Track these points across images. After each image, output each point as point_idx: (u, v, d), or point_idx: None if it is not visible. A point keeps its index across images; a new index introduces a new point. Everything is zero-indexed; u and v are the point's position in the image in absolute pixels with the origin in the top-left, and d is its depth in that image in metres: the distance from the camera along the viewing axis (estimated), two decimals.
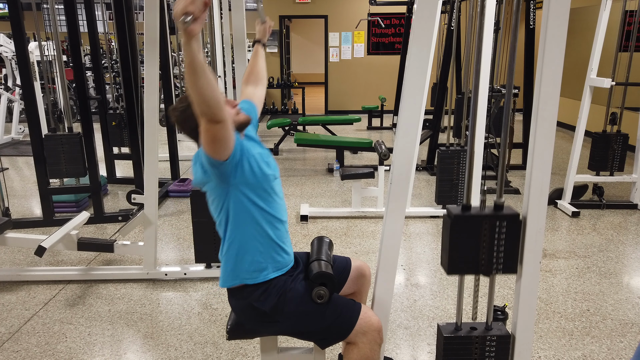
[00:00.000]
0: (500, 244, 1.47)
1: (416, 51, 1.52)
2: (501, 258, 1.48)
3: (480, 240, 1.47)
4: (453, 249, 1.48)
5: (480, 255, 1.48)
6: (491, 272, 1.50)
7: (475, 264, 1.49)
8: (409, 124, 1.59)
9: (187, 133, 1.76)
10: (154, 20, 2.70)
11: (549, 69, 1.36)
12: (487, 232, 1.46)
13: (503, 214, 1.45)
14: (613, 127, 4.35)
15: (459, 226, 1.46)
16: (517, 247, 1.48)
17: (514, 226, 1.46)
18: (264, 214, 1.68)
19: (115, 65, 6.53)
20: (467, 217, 1.46)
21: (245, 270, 1.69)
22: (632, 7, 4.35)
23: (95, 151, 4.10)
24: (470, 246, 1.47)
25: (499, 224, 1.46)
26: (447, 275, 1.54)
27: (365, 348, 1.68)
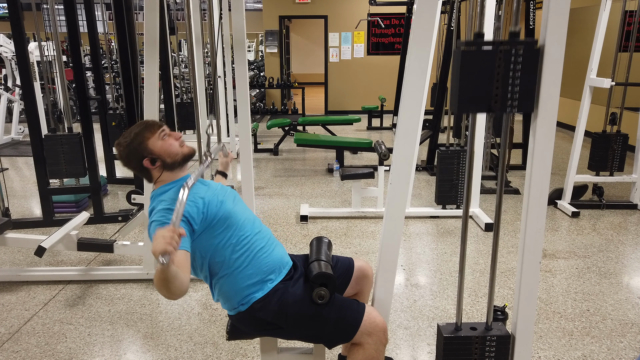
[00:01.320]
0: (515, 77, 1.36)
1: (416, 51, 1.52)
2: (516, 93, 1.37)
3: (494, 73, 1.35)
4: (464, 83, 1.36)
5: (493, 90, 1.37)
6: (505, 109, 1.38)
7: (487, 100, 1.38)
8: (409, 124, 1.59)
9: (131, 167, 1.76)
10: (154, 20, 2.70)
11: (549, 69, 1.36)
12: (501, 64, 1.35)
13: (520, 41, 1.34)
14: (613, 127, 4.35)
15: (471, 57, 1.35)
16: (534, 82, 1.37)
17: (532, 58, 1.35)
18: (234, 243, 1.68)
19: (115, 66, 6.53)
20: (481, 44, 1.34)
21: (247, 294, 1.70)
22: (632, 7, 4.35)
23: (95, 151, 4.10)
24: (482, 79, 1.36)
25: (515, 52, 1.34)
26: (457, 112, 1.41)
27: (370, 349, 1.67)
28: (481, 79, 1.36)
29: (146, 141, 1.70)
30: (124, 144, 1.71)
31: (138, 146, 1.69)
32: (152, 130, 1.72)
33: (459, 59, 1.35)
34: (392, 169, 1.65)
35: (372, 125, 8.76)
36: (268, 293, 1.69)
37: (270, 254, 1.75)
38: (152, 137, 1.70)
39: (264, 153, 6.86)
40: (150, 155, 1.70)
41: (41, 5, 4.49)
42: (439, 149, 4.11)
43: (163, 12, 4.91)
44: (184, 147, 1.76)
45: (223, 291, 1.71)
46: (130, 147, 1.70)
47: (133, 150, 1.70)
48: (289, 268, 1.79)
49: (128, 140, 1.70)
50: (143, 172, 1.75)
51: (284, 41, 10.70)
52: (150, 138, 1.70)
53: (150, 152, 1.69)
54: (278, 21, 10.11)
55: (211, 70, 6.94)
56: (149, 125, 1.73)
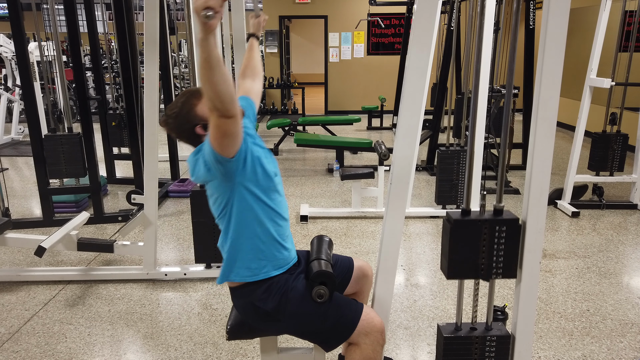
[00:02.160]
0: (500, 249, 1.47)
1: (416, 51, 1.52)
2: (501, 262, 1.49)
3: (480, 245, 1.47)
4: (453, 254, 1.48)
5: (480, 260, 1.48)
6: (490, 277, 1.50)
7: (474, 268, 1.49)
8: (409, 124, 1.59)
9: (184, 137, 1.74)
10: (154, 20, 2.70)
11: (549, 69, 1.36)
12: (486, 237, 1.46)
13: (503, 219, 1.46)
14: (613, 127, 4.35)
15: (459, 231, 1.46)
16: (516, 252, 1.48)
17: (514, 231, 1.46)
18: (268, 212, 1.68)
19: (115, 66, 6.53)
20: (467, 222, 1.46)
21: (246, 267, 1.68)
22: (632, 7, 4.35)
23: (95, 151, 4.10)
24: (469, 251, 1.47)
25: (499, 228, 1.46)
26: (447, 279, 1.54)
27: (367, 349, 1.67)
28: (469, 251, 1.48)
29: (195, 108, 1.68)
30: (172, 115, 1.69)
31: (187, 114, 1.67)
32: (197, 96, 1.69)
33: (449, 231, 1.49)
34: (392, 169, 1.65)
35: (372, 125, 8.76)
36: (272, 283, 1.69)
37: (287, 245, 1.76)
38: (200, 103, 1.68)
39: None
40: (202, 121, 1.67)
41: (41, 5, 4.48)
42: (439, 149, 4.11)
43: (163, 12, 4.91)
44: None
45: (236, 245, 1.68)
46: (179, 117, 1.68)
47: (182, 119, 1.68)
48: (295, 261, 1.80)
49: (177, 111, 1.68)
50: (196, 140, 1.72)
51: (284, 41, 10.70)
52: (197, 105, 1.68)
53: (201, 118, 1.67)
54: (278, 21, 10.11)
55: None
56: (193, 92, 1.71)
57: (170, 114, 1.70)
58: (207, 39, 1.28)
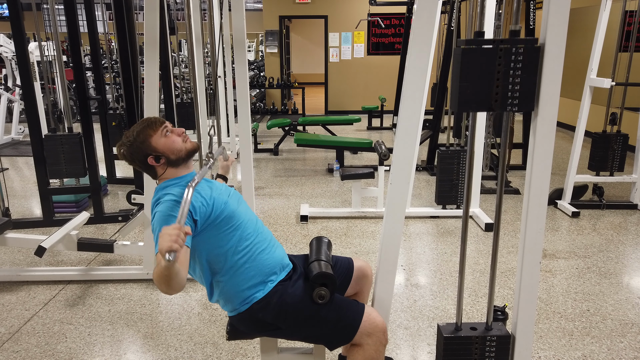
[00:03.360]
0: (516, 76, 1.36)
1: (416, 51, 1.52)
2: (517, 92, 1.37)
3: (494, 71, 1.36)
4: (464, 82, 1.37)
5: (494, 89, 1.37)
6: (505, 108, 1.39)
7: (487, 98, 1.38)
8: (409, 124, 1.59)
9: (137, 166, 1.75)
10: (154, 20, 2.70)
11: (548, 69, 1.36)
12: (502, 62, 1.35)
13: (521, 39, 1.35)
14: (613, 127, 4.35)
15: (471, 56, 1.35)
16: (534, 81, 1.37)
17: (532, 56, 1.35)
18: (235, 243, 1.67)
19: (115, 66, 6.53)
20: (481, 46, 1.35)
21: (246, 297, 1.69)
22: (632, 7, 4.35)
23: (95, 151, 4.10)
24: (483, 78, 1.36)
25: (515, 51, 1.35)
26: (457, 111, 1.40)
27: (370, 349, 1.67)
28: (481, 78, 1.36)
29: (149, 139, 1.69)
30: (127, 144, 1.70)
31: (141, 144, 1.68)
32: (154, 127, 1.71)
33: (459, 58, 1.36)
34: (392, 169, 1.65)
35: (372, 125, 8.76)
36: (268, 294, 1.69)
37: (272, 255, 1.75)
38: (155, 134, 1.69)
39: (264, 153, 6.86)
40: (154, 152, 1.69)
41: (41, 5, 4.48)
42: (439, 149, 4.11)
43: (163, 12, 4.91)
44: (188, 143, 1.75)
45: (224, 292, 1.71)
46: (133, 146, 1.69)
47: (136, 149, 1.69)
48: (289, 270, 1.79)
49: (131, 140, 1.69)
50: (148, 170, 1.74)
51: (284, 41, 10.70)
52: (153, 135, 1.69)
53: (154, 149, 1.68)
54: (278, 21, 10.11)
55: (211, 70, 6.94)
56: (151, 122, 1.72)
57: (124, 142, 1.71)
58: (171, 268, 1.32)
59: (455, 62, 1.39)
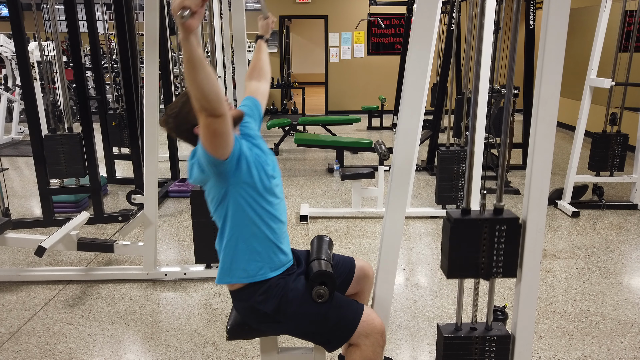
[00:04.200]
0: (500, 248, 1.47)
1: (416, 51, 1.52)
2: (501, 262, 1.48)
3: (480, 244, 1.47)
4: (453, 253, 1.48)
5: (480, 260, 1.48)
6: (490, 276, 1.50)
7: (475, 268, 1.49)
8: (409, 124, 1.59)
9: (183, 137, 1.74)
10: (154, 20, 2.70)
11: (549, 69, 1.36)
12: (487, 236, 1.46)
13: (503, 218, 1.46)
14: (613, 127, 4.35)
15: (459, 230, 1.46)
16: (516, 251, 1.48)
17: (514, 230, 1.46)
18: (263, 214, 1.68)
19: (115, 66, 6.53)
20: (467, 221, 1.46)
21: (242, 268, 1.69)
22: (632, 7, 4.35)
23: (95, 151, 4.10)
24: (470, 250, 1.47)
25: (499, 228, 1.46)
26: (447, 278, 1.54)
27: (367, 350, 1.67)
28: (469, 250, 1.48)
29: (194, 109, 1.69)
30: (172, 115, 1.70)
31: (187, 114, 1.67)
32: None
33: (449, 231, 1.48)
34: (392, 169, 1.65)
35: (372, 125, 8.76)
36: (270, 284, 1.69)
37: (283, 248, 1.76)
38: None
39: None
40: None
41: (41, 5, 4.48)
42: (439, 149, 4.11)
43: (163, 12, 4.91)
44: (232, 110, 1.73)
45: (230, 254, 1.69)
46: (179, 117, 1.68)
47: (182, 119, 1.68)
48: (293, 263, 1.80)
49: (176, 111, 1.69)
50: (195, 140, 1.72)
51: (284, 41, 10.70)
52: None
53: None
54: (278, 21, 10.11)
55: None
56: None
57: (170, 114, 1.71)
58: (187, 39, 1.28)
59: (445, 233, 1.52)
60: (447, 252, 1.50)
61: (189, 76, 1.34)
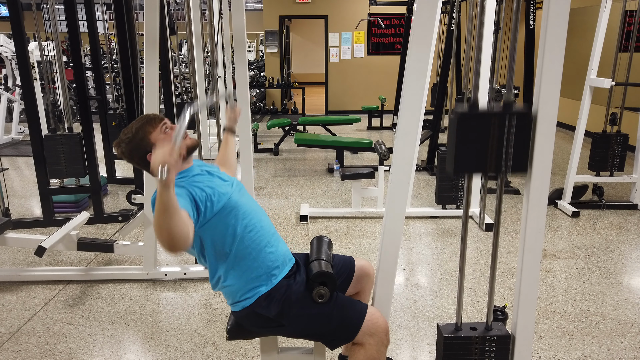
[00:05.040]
0: (509, 142, 1.40)
1: (416, 51, 1.52)
2: (510, 156, 1.42)
3: (489, 137, 1.40)
4: (460, 147, 1.41)
5: (489, 154, 1.42)
6: (500, 171, 1.44)
7: (482, 163, 1.43)
8: (409, 124, 1.59)
9: (135, 163, 1.73)
10: (154, 20, 2.70)
11: (549, 69, 1.36)
12: (496, 130, 1.40)
13: (513, 111, 1.40)
14: (613, 127, 4.35)
15: (467, 124, 1.40)
16: (527, 145, 1.42)
17: (525, 123, 1.40)
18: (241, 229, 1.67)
19: (115, 66, 6.53)
20: (476, 115, 1.40)
21: (251, 288, 1.69)
22: (632, 7, 4.35)
23: (95, 151, 4.10)
24: (478, 145, 1.41)
25: (509, 122, 1.39)
26: (454, 174, 1.47)
27: (372, 349, 1.67)
28: (477, 143, 1.41)
29: (148, 136, 1.68)
30: (125, 141, 1.69)
31: (140, 141, 1.67)
32: (153, 124, 1.70)
33: (455, 124, 1.41)
34: (392, 169, 1.65)
35: (372, 125, 8.76)
36: (272, 290, 1.69)
37: (276, 249, 1.75)
38: (154, 131, 1.69)
39: (264, 153, 6.86)
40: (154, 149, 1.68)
41: (41, 5, 4.48)
42: (439, 149, 4.11)
43: (163, 12, 4.91)
44: (187, 139, 1.73)
45: (228, 284, 1.70)
46: (132, 143, 1.68)
47: (135, 146, 1.68)
48: (292, 265, 1.79)
49: (130, 136, 1.68)
50: (147, 167, 1.72)
51: (284, 41, 10.70)
52: (152, 132, 1.68)
53: (154, 145, 1.67)
54: (278, 21, 10.11)
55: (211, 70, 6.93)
56: (150, 119, 1.71)
57: (123, 139, 1.69)
58: (167, 192, 1.28)
59: (451, 128, 1.45)
60: (453, 148, 1.43)
61: (162, 222, 1.31)
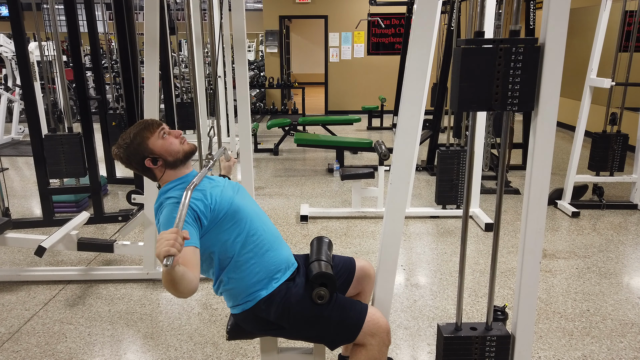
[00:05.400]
0: (516, 76, 1.36)
1: (416, 51, 1.52)
2: (517, 91, 1.38)
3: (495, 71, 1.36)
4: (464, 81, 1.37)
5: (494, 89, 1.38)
6: (505, 107, 1.39)
7: (488, 98, 1.39)
8: (409, 124, 1.59)
9: (133, 168, 1.74)
10: (154, 20, 2.70)
11: (549, 69, 1.36)
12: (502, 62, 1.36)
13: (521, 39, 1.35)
14: (613, 127, 4.35)
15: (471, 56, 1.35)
16: (534, 79, 1.38)
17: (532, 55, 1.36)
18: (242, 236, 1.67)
19: (115, 66, 6.53)
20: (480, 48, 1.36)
21: (253, 292, 1.69)
22: (632, 7, 4.35)
23: (95, 151, 4.10)
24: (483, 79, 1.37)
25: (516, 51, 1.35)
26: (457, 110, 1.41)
27: (373, 350, 1.67)
28: (481, 78, 1.36)
29: (146, 141, 1.68)
30: (124, 146, 1.69)
31: (138, 147, 1.68)
32: (151, 129, 1.70)
33: (460, 57, 1.36)
34: (392, 169, 1.64)
35: (372, 125, 8.76)
36: (272, 292, 1.69)
37: (278, 253, 1.75)
38: (152, 136, 1.69)
39: (264, 153, 6.86)
40: (152, 154, 1.68)
41: (41, 5, 4.48)
42: (439, 149, 4.11)
43: (163, 12, 4.91)
44: (185, 145, 1.75)
45: (229, 287, 1.71)
46: (130, 148, 1.68)
47: (133, 151, 1.68)
48: (294, 269, 1.79)
49: (128, 142, 1.68)
50: (145, 172, 1.74)
51: (284, 41, 10.70)
52: (150, 138, 1.69)
53: (151, 151, 1.68)
54: (278, 21, 10.11)
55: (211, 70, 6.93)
56: (147, 124, 1.71)
57: (121, 144, 1.70)
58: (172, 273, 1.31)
59: (455, 62, 1.39)
60: (457, 82, 1.37)
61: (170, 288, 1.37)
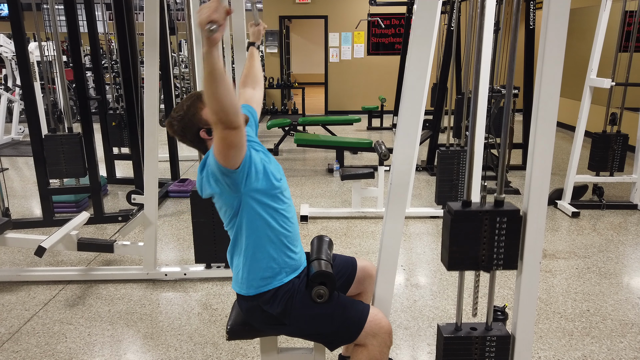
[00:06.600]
0: (500, 240, 1.46)
1: (416, 51, 1.51)
2: (501, 254, 1.48)
3: (481, 236, 1.46)
4: (453, 245, 1.47)
5: (481, 251, 1.48)
6: (491, 268, 1.49)
7: (475, 260, 1.48)
8: (409, 124, 1.59)
9: (188, 140, 1.73)
10: (154, 20, 2.70)
11: (549, 69, 1.36)
12: (487, 228, 1.46)
13: (503, 210, 1.45)
14: (613, 127, 4.35)
15: (460, 222, 1.46)
16: (517, 243, 1.48)
17: (515, 222, 1.46)
18: (277, 218, 1.67)
19: (115, 66, 6.53)
20: (468, 212, 1.45)
21: (260, 277, 1.68)
22: (632, 7, 4.35)
23: (95, 151, 4.10)
24: (470, 242, 1.47)
25: (500, 219, 1.45)
26: (448, 270, 1.53)
27: (374, 350, 1.67)
28: (469, 242, 1.48)
29: (200, 112, 1.67)
30: (177, 118, 1.68)
31: (192, 117, 1.67)
32: (203, 100, 1.68)
33: (449, 222, 1.47)
34: (392, 169, 1.64)
35: (372, 125, 8.76)
36: (278, 288, 1.69)
37: (299, 250, 1.76)
38: (205, 107, 1.67)
39: None
40: (206, 125, 1.67)
41: (41, 5, 4.48)
42: (439, 149, 4.11)
43: (163, 12, 4.91)
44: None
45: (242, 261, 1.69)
46: (184, 120, 1.67)
47: (188, 122, 1.67)
48: (303, 269, 1.80)
49: (181, 114, 1.68)
50: (200, 144, 1.72)
51: (284, 41, 10.70)
52: (203, 109, 1.67)
53: (206, 122, 1.67)
54: (278, 21, 10.11)
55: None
56: (199, 95, 1.70)
57: (175, 117, 1.69)
58: (211, 52, 1.28)
59: (445, 226, 1.50)
60: (447, 245, 1.49)
61: (210, 89, 1.34)
